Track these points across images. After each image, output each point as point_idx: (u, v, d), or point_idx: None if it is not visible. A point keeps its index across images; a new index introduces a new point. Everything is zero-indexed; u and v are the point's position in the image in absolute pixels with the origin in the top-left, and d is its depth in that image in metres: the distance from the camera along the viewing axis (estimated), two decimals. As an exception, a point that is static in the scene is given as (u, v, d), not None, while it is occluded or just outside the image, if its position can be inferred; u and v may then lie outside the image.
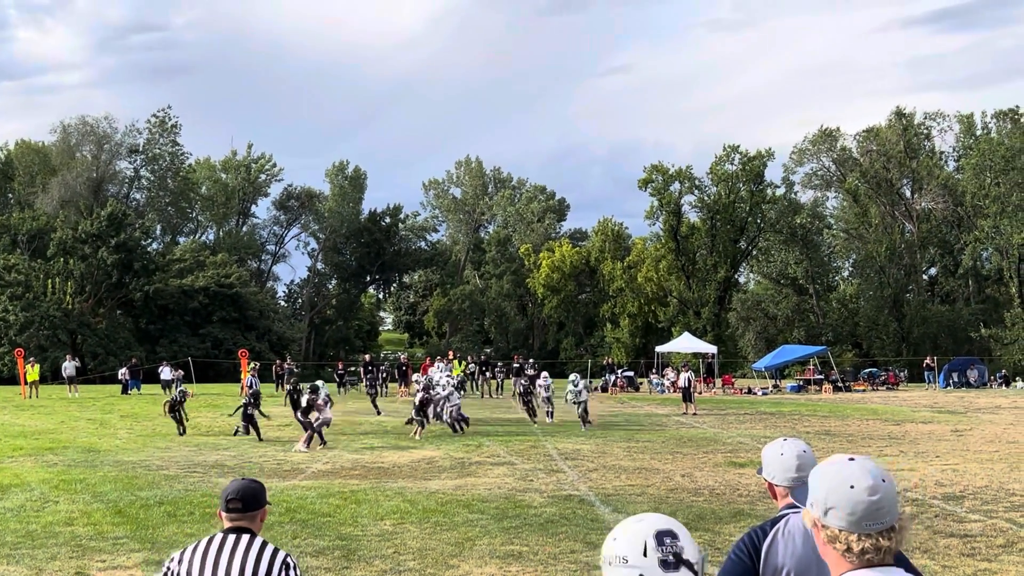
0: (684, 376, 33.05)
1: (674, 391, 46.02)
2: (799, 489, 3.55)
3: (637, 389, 47.65)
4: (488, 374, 42.83)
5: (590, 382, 49.38)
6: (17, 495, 15.25)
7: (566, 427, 26.85)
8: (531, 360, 45.45)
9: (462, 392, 29.99)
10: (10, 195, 79.03)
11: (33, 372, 41.62)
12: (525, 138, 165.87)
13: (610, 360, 56.40)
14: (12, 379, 54.35)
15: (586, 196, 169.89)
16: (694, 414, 30.95)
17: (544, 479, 17.02)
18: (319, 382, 24.94)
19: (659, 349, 52.77)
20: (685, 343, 53.24)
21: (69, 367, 43.83)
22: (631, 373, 51.03)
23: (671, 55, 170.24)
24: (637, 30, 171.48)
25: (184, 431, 24.41)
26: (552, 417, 28.13)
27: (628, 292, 73.99)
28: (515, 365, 43.72)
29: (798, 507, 3.53)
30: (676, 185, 69.88)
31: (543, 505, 14.22)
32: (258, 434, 23.57)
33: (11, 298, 63.45)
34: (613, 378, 47.63)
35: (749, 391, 45.52)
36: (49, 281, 64.61)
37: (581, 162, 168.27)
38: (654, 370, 50.90)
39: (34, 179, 76.50)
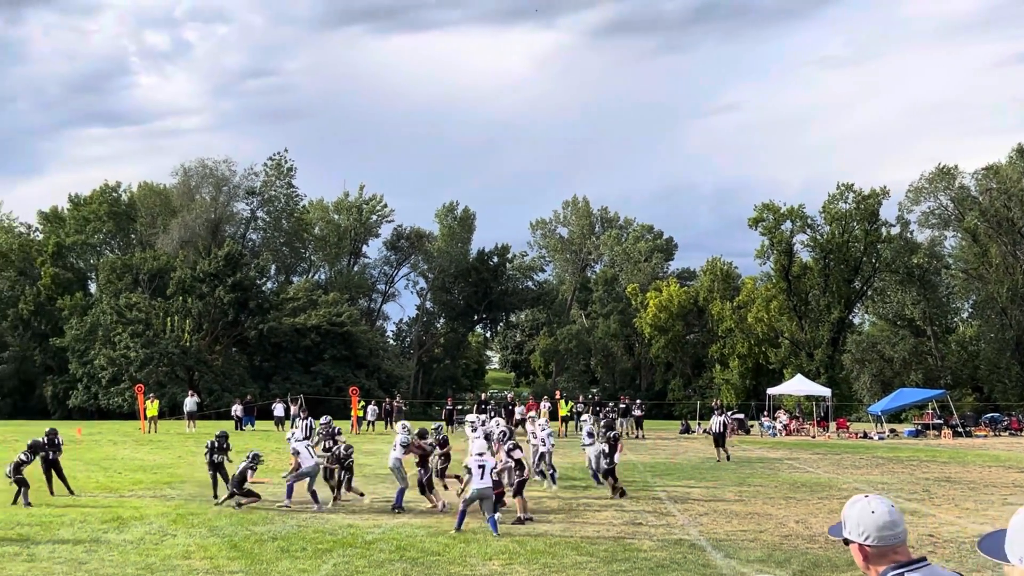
0: (716, 420, 30.89)
1: (786, 434, 45.16)
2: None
3: (748, 432, 46.78)
4: (600, 415, 42.50)
5: (698, 423, 48.77)
6: (137, 528, 15.66)
7: (676, 470, 26.47)
8: (638, 401, 45.10)
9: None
10: (132, 235, 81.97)
11: (152, 407, 42.88)
12: (632, 177, 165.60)
13: (719, 402, 55.54)
14: (132, 414, 56.13)
15: (694, 235, 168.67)
16: (727, 459, 29.28)
17: (653, 522, 16.79)
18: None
19: (771, 391, 51.80)
20: (797, 385, 52.13)
21: (190, 403, 45.01)
22: (741, 415, 50.11)
23: (781, 93, 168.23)
24: (747, 68, 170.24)
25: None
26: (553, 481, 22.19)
27: (738, 333, 72.92)
28: (622, 406, 43.42)
29: (905, 566, 3.40)
30: (788, 224, 68.82)
31: (653, 549, 14.01)
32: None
33: (132, 335, 65.69)
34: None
35: (865, 435, 44.29)
36: (168, 319, 66.72)
37: (688, 201, 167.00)
38: (765, 413, 49.95)
39: (155, 220, 79.19)
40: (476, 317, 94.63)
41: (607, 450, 20.32)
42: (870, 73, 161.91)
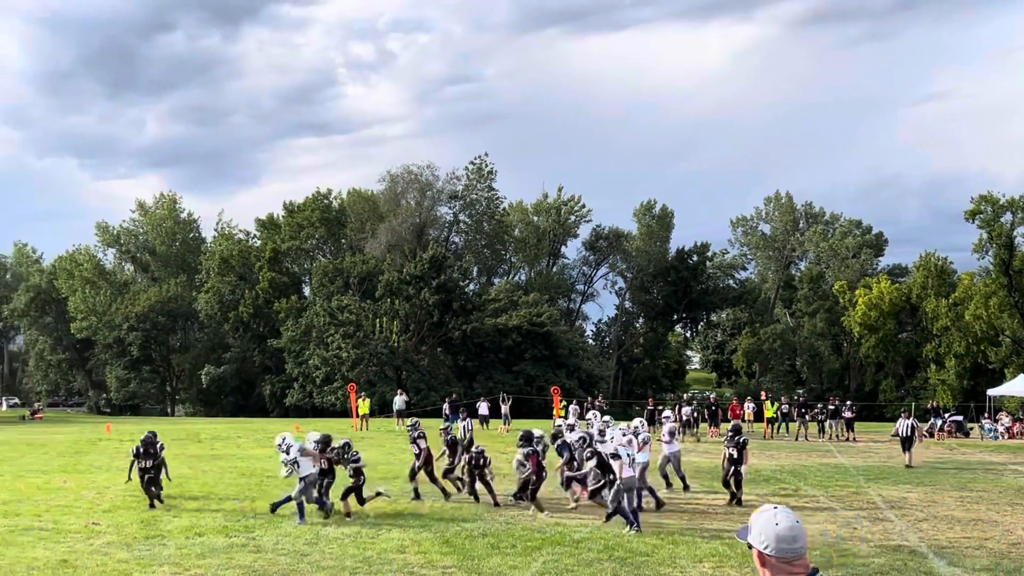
0: (903, 423, 28.78)
1: (1009, 437, 42.70)
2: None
3: (967, 435, 44.43)
4: (807, 416, 41.36)
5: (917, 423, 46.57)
6: (353, 522, 16.27)
7: (890, 473, 25.45)
8: (848, 402, 43.59)
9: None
10: (343, 240, 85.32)
11: (364, 405, 44.45)
12: (837, 171, 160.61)
13: (935, 403, 53.02)
14: (344, 412, 58.40)
15: (904, 230, 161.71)
16: (908, 466, 27.32)
17: (869, 527, 16.19)
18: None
19: (991, 392, 49.11)
20: (1021, 386, 49.18)
21: (399, 401, 46.38)
22: (959, 418, 47.62)
23: (994, 79, 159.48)
24: (956, 55, 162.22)
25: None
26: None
27: (954, 331, 69.35)
28: (831, 407, 42.09)
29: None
30: (1008, 216, 64.97)
31: (870, 555, 13.52)
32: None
33: (344, 336, 68.38)
34: (940, 423, 44.65)
35: (1098, 440, 41.40)
36: (377, 320, 69.11)
37: (897, 194, 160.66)
38: (986, 415, 47.36)
39: (364, 225, 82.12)
40: (676, 316, 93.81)
41: (734, 455, 19.00)
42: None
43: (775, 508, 3.87)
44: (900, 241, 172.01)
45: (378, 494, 18.08)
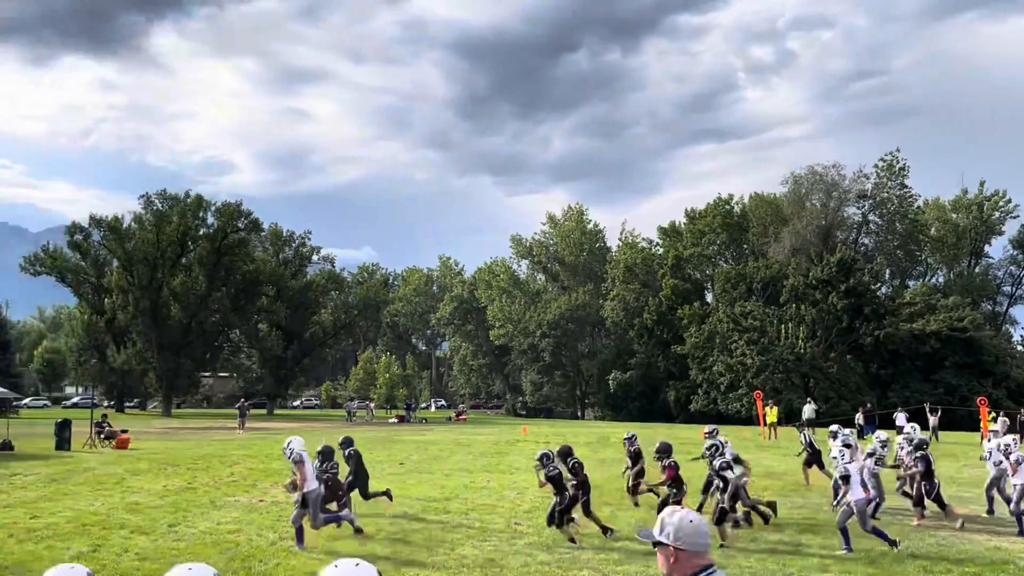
0: None
1: None
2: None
3: None
4: None
5: None
6: (768, 535, 15.66)
7: None
8: None
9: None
10: (744, 245, 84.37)
11: (772, 414, 43.46)
12: None
13: None
14: (750, 419, 57.51)
15: None
16: None
17: None
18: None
19: None
20: None
21: (808, 410, 45.02)
22: None
23: None
24: None
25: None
26: None
27: None
28: None
29: (711, 567, 3.94)
30: None
31: None
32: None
33: (748, 343, 67.44)
34: None
35: None
36: (782, 326, 67.52)
37: None
38: None
39: (767, 229, 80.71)
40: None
41: None
42: None
43: (684, 510, 4.09)
44: None
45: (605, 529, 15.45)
